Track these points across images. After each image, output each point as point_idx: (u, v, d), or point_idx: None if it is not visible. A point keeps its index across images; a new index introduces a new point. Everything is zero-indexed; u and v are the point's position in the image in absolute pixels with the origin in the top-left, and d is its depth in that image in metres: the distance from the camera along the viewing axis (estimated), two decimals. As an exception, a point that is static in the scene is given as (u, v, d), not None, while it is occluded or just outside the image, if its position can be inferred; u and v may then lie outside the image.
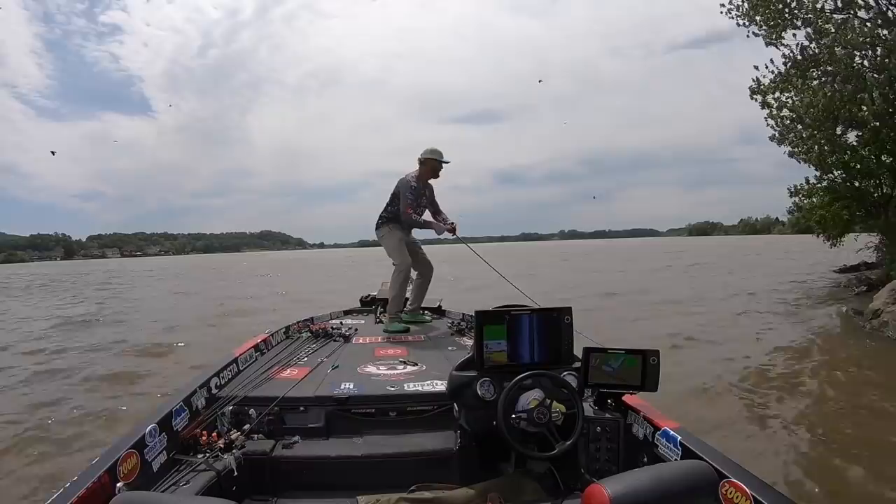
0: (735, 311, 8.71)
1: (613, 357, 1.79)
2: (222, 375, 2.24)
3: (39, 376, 5.47)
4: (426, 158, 3.95)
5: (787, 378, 4.74)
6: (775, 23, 10.44)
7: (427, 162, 3.96)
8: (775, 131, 11.30)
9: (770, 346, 6.11)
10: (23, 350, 7.20)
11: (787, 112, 10.99)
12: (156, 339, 7.47)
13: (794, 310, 8.83)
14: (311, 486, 1.75)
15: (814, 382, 4.61)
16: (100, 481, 1.31)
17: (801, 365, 5.20)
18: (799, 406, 4.02)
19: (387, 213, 4.00)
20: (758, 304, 9.53)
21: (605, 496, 1.09)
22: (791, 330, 7.08)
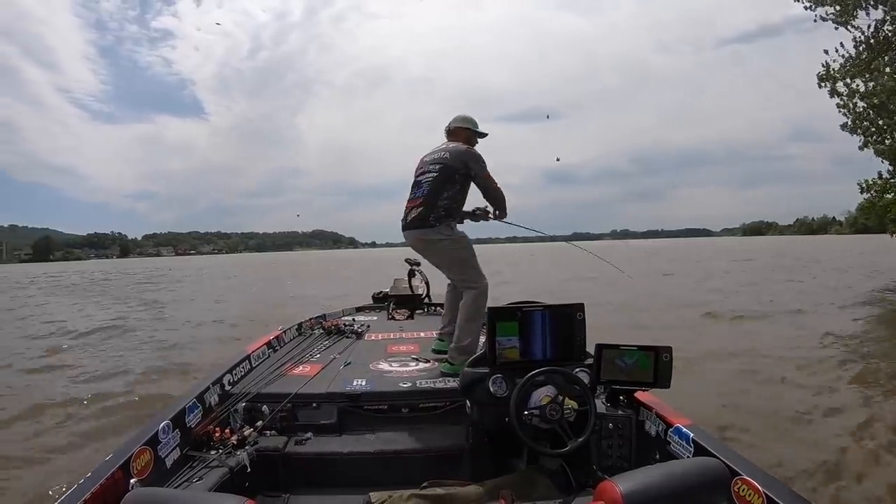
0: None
1: (626, 354, 1.76)
2: (235, 372, 2.26)
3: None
4: (457, 128, 2.89)
5: None
6: (847, 2, 9.86)
7: (458, 132, 2.89)
8: (847, 118, 10.70)
9: None
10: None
11: (859, 100, 10.36)
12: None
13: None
14: (323, 483, 1.76)
15: None
16: (113, 477, 1.32)
17: None
18: None
19: (447, 201, 2.64)
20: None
21: (617, 493, 1.08)
22: None
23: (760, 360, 5.16)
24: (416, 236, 2.67)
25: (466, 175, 2.68)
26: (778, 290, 11.25)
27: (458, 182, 2.65)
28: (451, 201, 2.64)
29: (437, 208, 2.61)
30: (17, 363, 6.14)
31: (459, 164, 2.65)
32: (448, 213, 2.63)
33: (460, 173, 2.66)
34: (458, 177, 2.65)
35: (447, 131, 2.92)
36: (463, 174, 2.66)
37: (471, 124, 2.90)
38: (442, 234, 2.62)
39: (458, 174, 2.65)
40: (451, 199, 2.65)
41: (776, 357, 5.30)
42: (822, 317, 7.96)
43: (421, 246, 2.72)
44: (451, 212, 2.65)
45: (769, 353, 5.47)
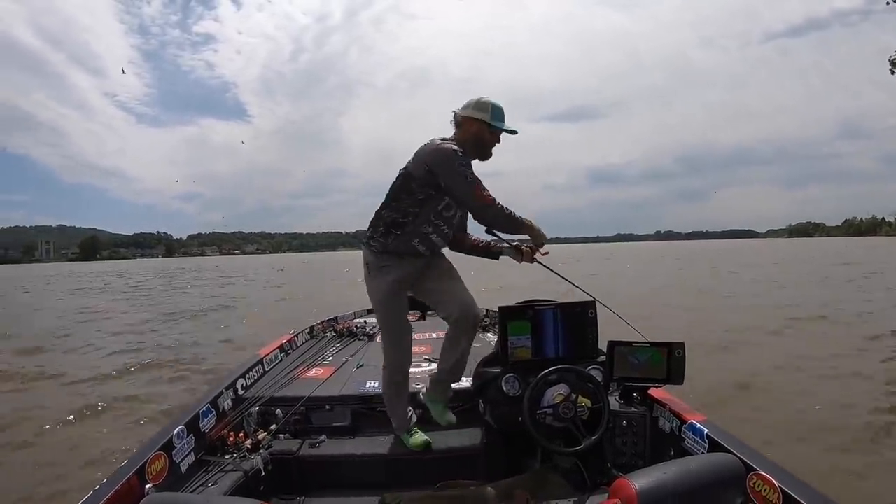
0: None
1: (638, 351, 1.76)
2: (248, 376, 2.27)
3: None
4: (465, 118, 1.91)
5: None
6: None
7: (467, 124, 1.91)
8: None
9: None
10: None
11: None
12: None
13: None
14: (337, 485, 1.76)
15: None
16: (128, 483, 1.33)
17: None
18: None
19: (384, 220, 1.90)
20: None
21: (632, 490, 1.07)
22: None
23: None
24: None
25: (431, 185, 1.82)
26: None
27: (417, 193, 1.83)
28: (396, 214, 1.86)
29: (378, 221, 1.91)
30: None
31: (419, 170, 1.81)
32: (386, 226, 1.88)
33: (419, 183, 1.82)
34: (415, 187, 1.83)
35: (454, 123, 1.95)
36: (424, 183, 1.82)
37: (482, 112, 1.89)
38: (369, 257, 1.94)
39: (415, 183, 1.83)
40: (399, 212, 1.86)
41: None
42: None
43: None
44: (391, 225, 1.87)
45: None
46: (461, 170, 1.77)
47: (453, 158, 1.77)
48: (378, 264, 1.89)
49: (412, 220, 1.85)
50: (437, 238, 1.94)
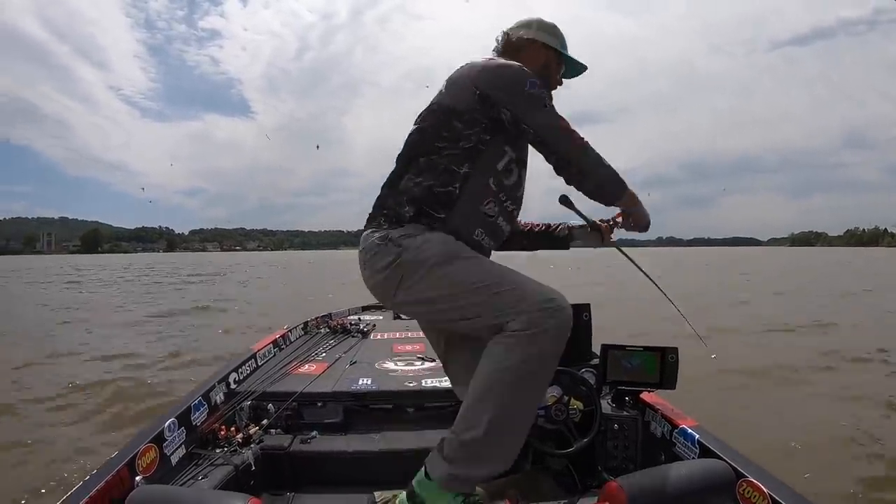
0: None
1: (632, 354, 1.76)
2: (241, 370, 2.27)
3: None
4: (528, 41, 1.37)
5: None
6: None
7: (532, 50, 1.37)
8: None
9: None
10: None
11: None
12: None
13: None
14: (328, 481, 1.76)
15: None
16: (119, 475, 1.33)
17: None
18: None
19: (412, 194, 1.25)
20: None
21: (622, 494, 1.08)
22: None
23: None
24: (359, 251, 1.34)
25: (487, 124, 1.23)
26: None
27: (463, 140, 1.22)
28: (433, 180, 1.22)
29: (396, 196, 1.27)
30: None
31: (465, 98, 1.22)
32: (416, 204, 1.23)
33: (467, 120, 1.22)
34: (460, 128, 1.22)
35: (502, 51, 1.39)
36: (473, 121, 1.22)
37: (552, 36, 1.37)
38: (385, 247, 1.23)
39: (460, 122, 1.22)
40: (433, 177, 1.23)
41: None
42: None
43: (362, 269, 1.34)
44: (424, 202, 1.23)
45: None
46: (539, 92, 1.17)
47: (523, 77, 1.16)
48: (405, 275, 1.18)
49: (464, 191, 1.20)
50: (503, 223, 1.32)
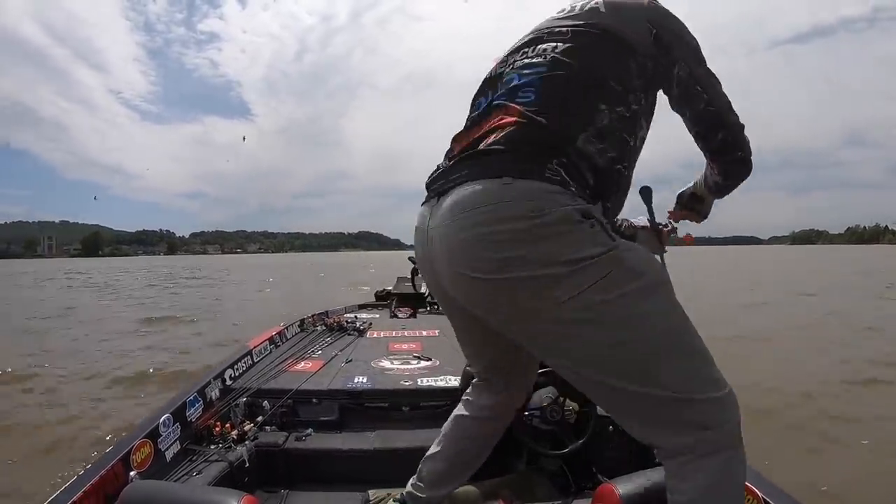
0: None
1: None
2: (237, 367, 2.27)
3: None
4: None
5: None
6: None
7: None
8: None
9: None
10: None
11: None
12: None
13: None
14: (322, 479, 1.76)
15: None
16: (113, 470, 1.33)
17: None
18: None
19: (589, 157, 0.85)
20: None
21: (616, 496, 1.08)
22: None
23: None
24: (443, 213, 0.88)
25: (654, 75, 0.93)
26: None
27: (631, 91, 0.91)
28: (614, 151, 0.88)
29: (576, 151, 0.84)
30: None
31: (639, 32, 0.91)
32: (598, 179, 0.87)
33: (639, 67, 0.91)
34: (634, 69, 0.91)
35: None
36: (643, 71, 0.91)
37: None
38: (591, 229, 0.80)
39: (635, 64, 0.91)
40: (615, 146, 0.88)
41: None
42: None
43: (449, 246, 0.87)
44: (607, 181, 0.89)
45: None
46: (698, 47, 0.96)
47: (685, 27, 0.96)
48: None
49: (629, 175, 0.96)
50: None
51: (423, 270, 1.05)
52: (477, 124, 0.95)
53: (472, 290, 0.87)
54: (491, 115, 0.92)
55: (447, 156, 1.01)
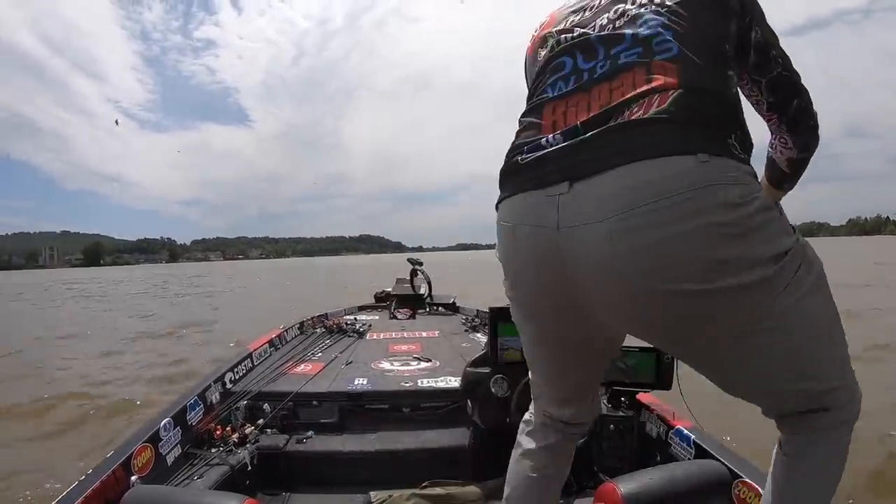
0: None
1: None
2: (237, 370, 2.27)
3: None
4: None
5: None
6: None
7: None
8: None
9: None
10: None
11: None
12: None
13: None
14: (324, 481, 1.75)
15: None
16: (114, 475, 1.32)
17: None
18: None
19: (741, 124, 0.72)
20: None
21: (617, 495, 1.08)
22: None
23: None
24: (604, 204, 0.67)
25: (738, 40, 0.82)
26: None
27: (730, 39, 0.80)
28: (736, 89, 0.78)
29: (707, 99, 0.70)
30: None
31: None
32: (734, 122, 0.72)
33: (733, 31, 0.81)
34: (734, 36, 0.81)
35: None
36: (731, 32, 0.80)
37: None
38: (778, 219, 0.71)
39: (731, 12, 0.80)
40: (734, 85, 0.77)
41: None
42: None
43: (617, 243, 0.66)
44: (736, 124, 0.72)
45: None
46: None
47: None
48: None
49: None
50: None
51: (530, 284, 0.82)
52: (598, 86, 0.76)
53: (657, 306, 0.69)
54: (623, 75, 0.74)
55: (551, 129, 0.78)
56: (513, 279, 0.86)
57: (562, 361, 0.96)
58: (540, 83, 0.86)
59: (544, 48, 0.90)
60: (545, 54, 0.89)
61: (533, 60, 0.95)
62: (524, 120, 0.85)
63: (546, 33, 0.91)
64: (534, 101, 0.85)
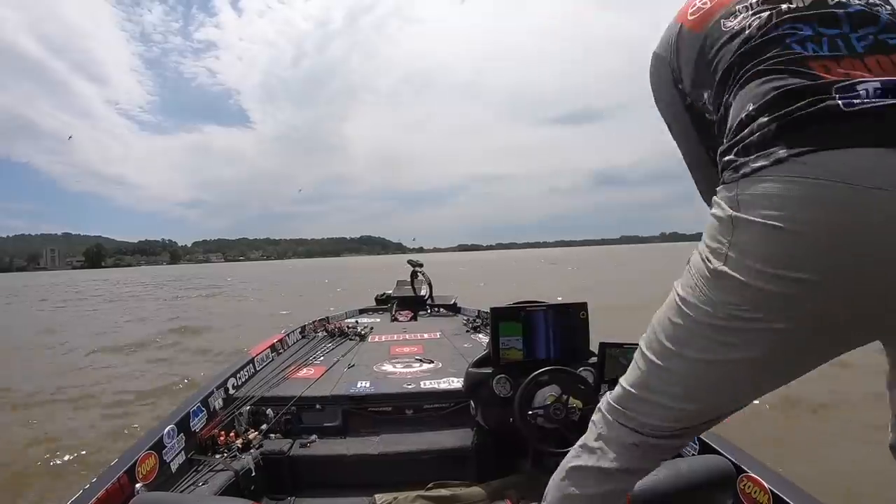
0: None
1: (629, 351, 1.75)
2: (239, 376, 2.27)
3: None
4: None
5: None
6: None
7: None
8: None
9: None
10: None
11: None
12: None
13: None
14: (328, 485, 1.76)
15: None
16: (118, 482, 1.33)
17: None
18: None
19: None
20: None
21: None
22: None
23: None
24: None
25: None
26: None
27: None
28: None
29: None
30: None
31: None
32: None
33: None
34: None
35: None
36: None
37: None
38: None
39: None
40: None
41: None
42: None
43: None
44: None
45: None
46: None
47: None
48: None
49: None
50: None
51: (868, 278, 0.64)
52: (873, 56, 0.71)
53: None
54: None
55: (858, 85, 0.67)
56: (828, 267, 0.63)
57: (773, 386, 0.78)
58: (765, 45, 0.76)
59: (732, 18, 0.81)
60: (754, 22, 0.78)
61: (712, 32, 0.84)
62: (775, 75, 0.72)
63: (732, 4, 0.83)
64: (776, 58, 0.73)
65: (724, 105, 0.79)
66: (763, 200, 0.65)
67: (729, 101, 0.77)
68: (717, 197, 0.74)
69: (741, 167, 0.70)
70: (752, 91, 0.73)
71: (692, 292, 0.75)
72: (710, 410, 0.83)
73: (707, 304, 0.72)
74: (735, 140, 0.72)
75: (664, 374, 0.80)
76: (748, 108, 0.72)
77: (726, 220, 0.70)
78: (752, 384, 0.77)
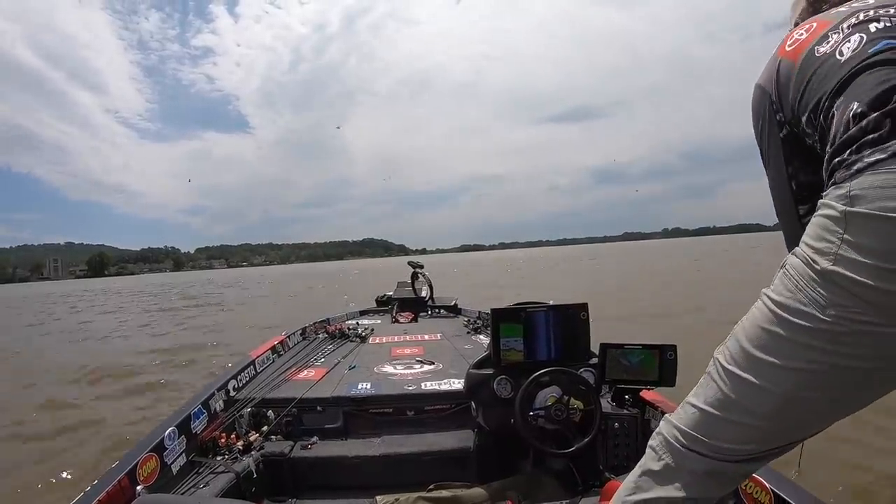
0: None
1: (630, 352, 1.76)
2: (240, 378, 2.27)
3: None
4: None
5: None
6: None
7: None
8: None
9: None
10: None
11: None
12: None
13: None
14: (329, 487, 1.76)
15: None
16: (119, 484, 1.33)
17: None
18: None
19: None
20: None
21: None
22: None
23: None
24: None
25: None
26: None
27: None
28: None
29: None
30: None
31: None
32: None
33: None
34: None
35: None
36: None
37: None
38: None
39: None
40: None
41: None
42: None
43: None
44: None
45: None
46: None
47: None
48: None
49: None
50: None
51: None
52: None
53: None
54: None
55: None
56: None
57: (875, 396, 0.74)
58: (860, 60, 0.77)
59: (825, 44, 0.84)
60: (845, 45, 0.80)
61: (808, 57, 0.86)
62: (880, 70, 0.72)
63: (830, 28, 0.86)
64: (876, 62, 0.74)
65: (825, 116, 0.78)
66: (881, 192, 0.62)
67: (831, 111, 0.76)
68: (823, 200, 0.71)
69: (854, 163, 0.67)
70: (856, 91, 0.73)
71: (793, 296, 0.70)
72: (799, 429, 0.77)
73: (813, 307, 0.67)
74: (845, 139, 0.71)
75: (752, 390, 0.73)
76: (853, 106, 0.71)
77: (837, 218, 0.66)
78: (854, 396, 0.72)
